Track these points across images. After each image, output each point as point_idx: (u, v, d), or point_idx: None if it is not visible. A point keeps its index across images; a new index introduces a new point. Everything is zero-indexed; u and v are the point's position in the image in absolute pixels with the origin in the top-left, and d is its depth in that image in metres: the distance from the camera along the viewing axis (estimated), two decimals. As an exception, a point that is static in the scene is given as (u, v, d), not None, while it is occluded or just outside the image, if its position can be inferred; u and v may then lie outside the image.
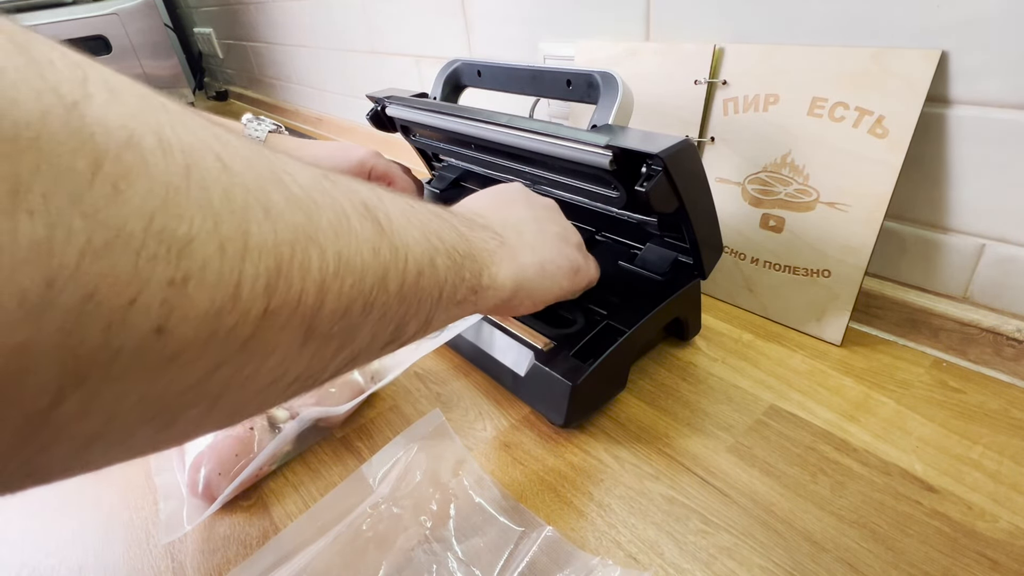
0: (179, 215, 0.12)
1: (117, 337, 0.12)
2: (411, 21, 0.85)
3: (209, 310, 0.13)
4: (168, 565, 0.33)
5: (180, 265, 0.12)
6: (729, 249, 0.50)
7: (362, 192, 0.20)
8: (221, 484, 0.35)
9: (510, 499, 0.35)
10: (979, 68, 0.36)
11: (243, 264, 0.14)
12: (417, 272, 0.21)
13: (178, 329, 0.13)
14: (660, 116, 0.51)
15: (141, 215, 0.12)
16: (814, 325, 0.46)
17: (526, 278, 0.30)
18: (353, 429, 0.42)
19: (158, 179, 0.12)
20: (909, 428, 0.37)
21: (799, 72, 0.42)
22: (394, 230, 0.20)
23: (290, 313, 0.15)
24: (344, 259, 0.17)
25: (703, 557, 0.31)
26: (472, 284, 0.25)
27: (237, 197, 0.14)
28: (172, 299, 0.12)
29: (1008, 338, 0.39)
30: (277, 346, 0.16)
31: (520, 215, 0.33)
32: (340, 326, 0.18)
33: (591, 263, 0.37)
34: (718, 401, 0.41)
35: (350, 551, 0.32)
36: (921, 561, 0.29)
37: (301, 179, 0.17)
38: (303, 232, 0.16)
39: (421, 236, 0.22)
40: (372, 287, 0.19)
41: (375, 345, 0.21)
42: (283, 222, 0.15)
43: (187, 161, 0.13)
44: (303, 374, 0.18)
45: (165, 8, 1.74)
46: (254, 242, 0.14)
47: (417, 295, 0.21)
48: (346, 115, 1.16)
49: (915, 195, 0.42)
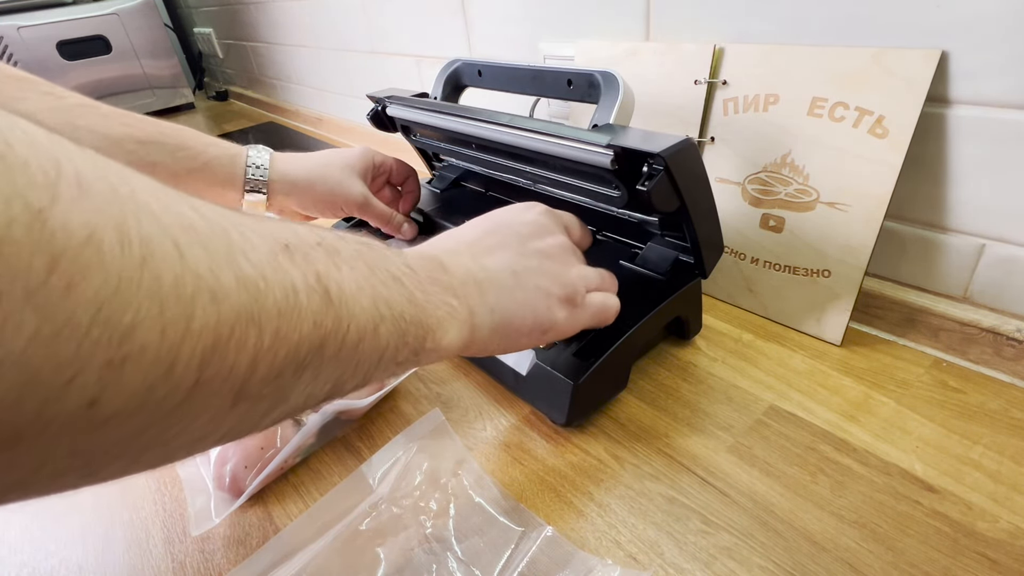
0: (127, 304, 0.13)
1: (52, 409, 0.13)
2: (411, 21, 0.85)
3: (142, 386, 0.14)
4: (168, 565, 0.33)
5: (120, 348, 0.13)
6: (729, 249, 0.50)
7: (319, 262, 0.21)
8: (247, 477, 0.36)
9: (510, 499, 0.35)
10: (979, 68, 0.36)
11: (181, 346, 0.15)
12: (358, 339, 0.22)
13: (111, 402, 0.14)
14: (660, 116, 0.51)
15: (90, 307, 0.13)
16: (814, 325, 0.46)
17: (477, 339, 0.30)
18: (353, 429, 0.42)
19: (113, 272, 0.13)
20: (909, 428, 0.37)
21: (799, 72, 0.42)
22: (343, 300, 0.21)
23: (220, 383, 0.16)
24: (281, 335, 0.18)
25: (703, 557, 0.31)
26: (414, 347, 0.26)
27: (187, 284, 0.15)
28: (107, 377, 0.13)
29: (1008, 338, 0.39)
30: (206, 410, 0.17)
31: (500, 264, 0.32)
32: (271, 388, 0.19)
33: (576, 317, 0.34)
34: (718, 401, 0.41)
35: (350, 551, 0.32)
36: (921, 561, 0.29)
37: (257, 255, 0.18)
38: (245, 313, 0.17)
39: (370, 304, 0.22)
40: (307, 354, 0.19)
41: (310, 401, 0.22)
42: (228, 304, 0.16)
43: (144, 252, 0.14)
44: (233, 429, 0.19)
45: (165, 8, 1.74)
46: (196, 325, 0.15)
47: (355, 359, 0.22)
48: (346, 115, 1.16)
49: (915, 195, 0.42)
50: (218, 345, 0.16)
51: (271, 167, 0.49)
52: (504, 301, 0.31)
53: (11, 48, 1.32)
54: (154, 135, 0.46)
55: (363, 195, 0.51)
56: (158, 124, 0.47)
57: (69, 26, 1.38)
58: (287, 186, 0.50)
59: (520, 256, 0.33)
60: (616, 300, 0.36)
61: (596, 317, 0.35)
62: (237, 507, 0.35)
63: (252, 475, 0.36)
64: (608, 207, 0.44)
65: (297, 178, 0.50)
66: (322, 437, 0.40)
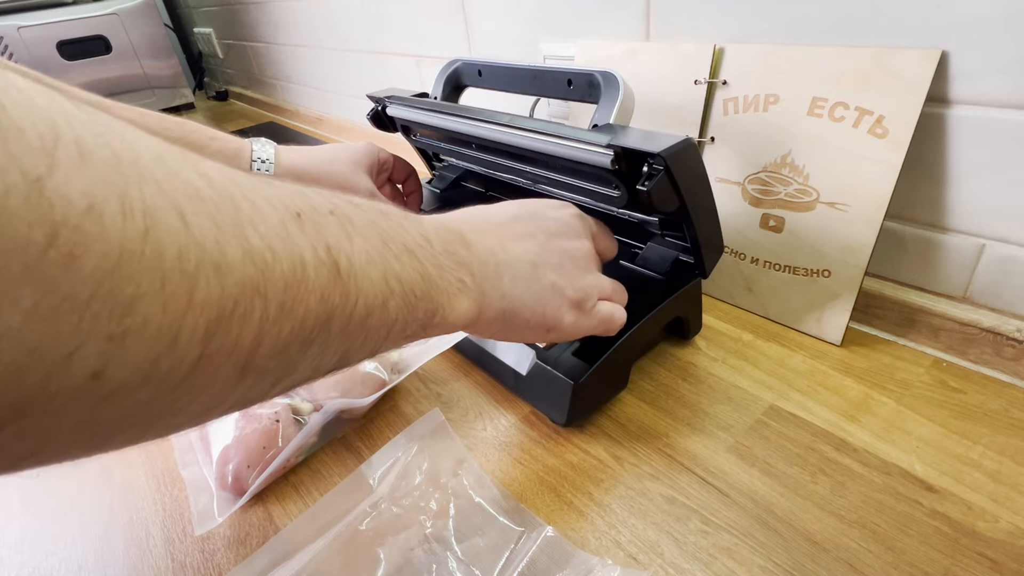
0: (128, 277, 0.13)
1: (55, 383, 0.13)
2: (411, 21, 0.85)
3: (146, 359, 0.14)
4: (168, 565, 0.33)
5: (122, 322, 0.13)
6: (729, 249, 0.50)
7: (330, 233, 0.20)
8: (250, 476, 0.36)
9: (510, 499, 0.35)
10: (979, 68, 0.36)
11: (184, 319, 0.14)
12: (365, 313, 0.21)
13: (114, 375, 0.13)
14: (660, 116, 0.51)
15: (91, 280, 0.12)
16: (814, 325, 0.46)
17: (482, 319, 0.29)
18: (353, 429, 0.42)
19: (114, 244, 0.13)
20: (909, 428, 0.37)
21: (799, 72, 0.42)
22: (352, 274, 0.20)
23: (225, 356, 0.16)
24: (287, 309, 0.18)
25: (703, 557, 0.31)
26: (423, 322, 0.25)
27: (191, 258, 0.15)
28: (110, 351, 0.13)
29: (1008, 338, 0.39)
30: (212, 383, 0.16)
31: (523, 252, 0.32)
32: (277, 362, 0.18)
33: (582, 322, 0.34)
34: (718, 401, 0.41)
35: (350, 551, 0.32)
36: (921, 561, 0.29)
37: (266, 226, 0.17)
38: (251, 285, 0.16)
39: (380, 279, 0.22)
40: (313, 328, 0.19)
41: (317, 373, 0.21)
42: (233, 277, 0.16)
43: (147, 223, 0.14)
44: (241, 400, 0.19)
45: (165, 8, 1.74)
46: (199, 298, 0.15)
47: (363, 332, 0.22)
48: (346, 115, 1.16)
49: (915, 195, 0.42)
50: (222, 318, 0.15)
51: (276, 162, 0.49)
52: (518, 289, 0.31)
53: (11, 48, 1.32)
54: (156, 127, 0.45)
55: (369, 191, 0.51)
56: (162, 118, 0.47)
57: (69, 26, 1.38)
58: (293, 180, 0.50)
59: (544, 250, 0.32)
60: (623, 313, 0.36)
61: (601, 326, 0.35)
62: (240, 506, 0.35)
63: (255, 474, 0.36)
64: (608, 207, 0.44)
65: (303, 172, 0.50)
66: (324, 436, 0.40)
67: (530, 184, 0.51)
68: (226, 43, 1.60)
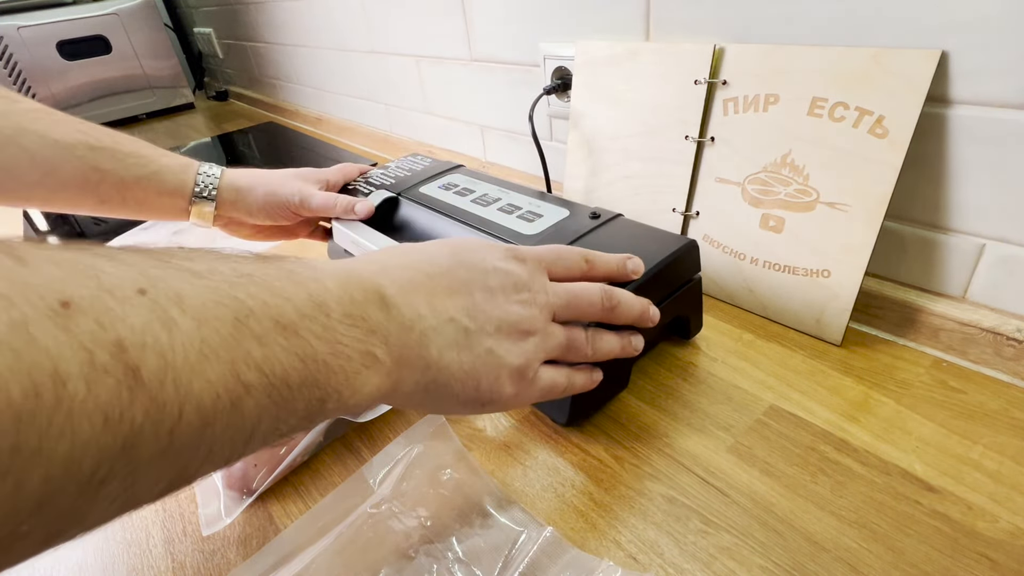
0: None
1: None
2: (411, 21, 0.85)
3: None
4: (168, 565, 0.33)
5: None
6: (729, 249, 0.50)
7: (130, 321, 0.15)
8: (257, 476, 0.36)
9: (510, 499, 0.35)
10: (979, 68, 0.36)
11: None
12: (200, 424, 0.17)
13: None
14: (660, 116, 0.51)
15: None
16: (814, 325, 0.46)
17: (399, 393, 0.26)
18: (353, 430, 0.42)
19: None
20: (909, 428, 0.37)
21: (799, 72, 0.42)
22: (168, 378, 0.16)
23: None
24: (28, 450, 0.13)
25: (703, 557, 0.31)
26: (307, 412, 0.21)
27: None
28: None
29: (1008, 338, 0.39)
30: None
31: (454, 312, 0.27)
32: (38, 521, 0.14)
33: (522, 395, 0.30)
34: (718, 401, 0.41)
35: (350, 552, 0.32)
36: (921, 561, 0.29)
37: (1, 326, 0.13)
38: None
39: (223, 374, 0.17)
40: (98, 465, 0.14)
41: (134, 505, 0.17)
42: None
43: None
44: None
45: (165, 8, 1.74)
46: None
47: (202, 447, 0.17)
48: (346, 115, 1.16)
49: (915, 195, 0.42)
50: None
51: (221, 177, 0.51)
52: (445, 360, 0.26)
53: (11, 48, 1.32)
54: (108, 143, 0.46)
55: (299, 190, 0.52)
56: (114, 134, 0.47)
57: (69, 26, 1.38)
58: (233, 193, 0.51)
59: (479, 310, 0.28)
60: (569, 378, 0.33)
61: (543, 396, 0.32)
62: (247, 505, 0.36)
63: (262, 474, 0.36)
64: None
65: (241, 185, 0.52)
66: (329, 435, 0.40)
67: None
68: (226, 43, 1.60)
